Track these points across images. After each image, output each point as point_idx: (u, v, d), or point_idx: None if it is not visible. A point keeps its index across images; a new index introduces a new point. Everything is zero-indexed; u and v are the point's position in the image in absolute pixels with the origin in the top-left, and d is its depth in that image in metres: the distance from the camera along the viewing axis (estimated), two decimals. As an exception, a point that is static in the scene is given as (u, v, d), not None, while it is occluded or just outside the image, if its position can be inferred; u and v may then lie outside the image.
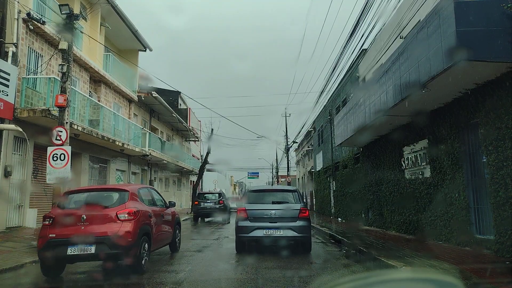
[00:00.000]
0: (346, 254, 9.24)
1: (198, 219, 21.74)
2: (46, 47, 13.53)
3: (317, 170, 28.67)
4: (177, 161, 28.26)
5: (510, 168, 6.74)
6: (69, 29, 10.78)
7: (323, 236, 13.34)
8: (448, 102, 8.78)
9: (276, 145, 48.37)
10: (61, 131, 10.32)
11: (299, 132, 29.89)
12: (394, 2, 10.62)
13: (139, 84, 22.29)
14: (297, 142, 36.25)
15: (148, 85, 23.39)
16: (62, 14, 10.64)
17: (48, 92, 12.50)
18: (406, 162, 11.50)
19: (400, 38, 11.02)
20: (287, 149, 37.97)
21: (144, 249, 7.07)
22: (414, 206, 10.86)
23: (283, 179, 50.96)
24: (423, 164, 10.42)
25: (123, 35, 20.34)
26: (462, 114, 8.37)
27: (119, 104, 20.07)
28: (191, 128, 33.02)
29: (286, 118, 38.30)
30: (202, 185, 36.00)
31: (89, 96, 16.24)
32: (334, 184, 22.36)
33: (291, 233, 8.85)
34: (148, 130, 23.24)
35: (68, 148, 10.30)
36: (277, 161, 47.76)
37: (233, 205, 24.63)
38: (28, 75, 12.65)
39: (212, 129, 29.36)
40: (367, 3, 10.29)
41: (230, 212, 22.78)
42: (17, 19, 11.65)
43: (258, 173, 60.59)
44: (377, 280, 1.28)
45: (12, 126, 10.99)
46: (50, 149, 10.25)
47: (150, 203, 8.22)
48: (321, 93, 18.00)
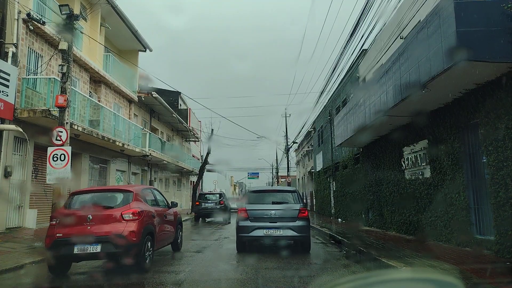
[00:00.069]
0: (346, 254, 9.23)
1: (199, 219, 21.87)
2: (46, 48, 13.54)
3: (317, 170, 28.67)
4: (177, 162, 28.25)
5: (510, 168, 6.73)
6: (69, 29, 10.78)
7: (323, 236, 13.32)
8: (448, 102, 8.78)
9: (276, 145, 48.33)
10: (61, 132, 10.32)
11: (299, 133, 29.91)
12: (394, 2, 10.62)
13: (139, 85, 22.29)
14: (297, 143, 36.26)
15: (148, 86, 23.43)
16: (62, 14, 10.64)
17: (48, 92, 12.51)
18: (406, 162, 11.49)
19: (400, 38, 11.02)
20: (287, 150, 37.97)
21: (148, 248, 7.24)
22: (414, 207, 10.85)
23: (283, 180, 50.94)
24: (423, 164, 10.41)
25: (123, 35, 20.35)
26: (462, 115, 8.36)
27: (119, 104, 20.07)
28: (191, 128, 33.01)
29: (286, 118, 38.34)
30: (202, 186, 35.97)
31: (89, 96, 16.24)
32: (334, 184, 22.36)
33: (290, 233, 8.98)
34: (148, 131, 23.23)
35: (68, 149, 10.30)
36: (277, 162, 47.74)
37: (234, 205, 24.70)
38: (28, 75, 12.65)
39: (212, 130, 29.37)
40: (367, 3, 10.29)
41: (231, 212, 22.85)
42: (17, 19, 11.65)
43: (258, 173, 60.53)
44: (377, 280, 1.28)
45: (12, 127, 10.99)
46: (50, 149, 10.26)
47: (153, 204, 8.39)
48: (321, 93, 18.02)
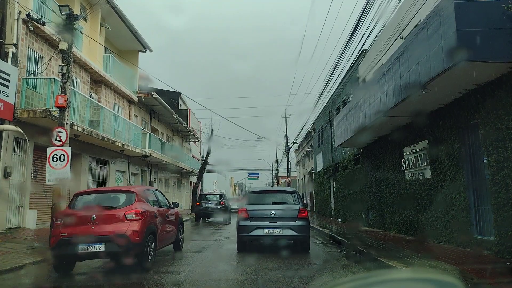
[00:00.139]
0: (346, 255, 9.23)
1: (200, 219, 22.05)
2: (46, 48, 13.53)
3: (317, 171, 28.66)
4: (177, 162, 28.23)
5: (510, 169, 6.72)
6: (69, 29, 10.77)
7: (323, 237, 13.31)
8: (448, 102, 8.77)
9: (276, 146, 48.28)
10: (61, 132, 10.31)
11: (299, 133, 29.88)
12: (394, 3, 10.62)
13: (139, 85, 22.29)
14: (297, 143, 36.24)
15: (148, 86, 23.43)
16: (62, 14, 10.62)
17: (48, 92, 12.50)
18: (407, 163, 11.48)
19: (400, 38, 11.02)
20: (287, 150, 37.96)
21: (151, 248, 7.39)
22: (415, 207, 10.84)
23: (283, 180, 50.93)
24: (423, 165, 10.40)
25: (123, 35, 20.34)
26: (462, 115, 8.36)
27: (119, 105, 20.07)
28: (191, 129, 33.00)
29: (286, 119, 38.34)
30: (202, 186, 35.95)
31: (89, 97, 16.24)
32: (334, 185, 22.35)
33: (290, 233, 9.10)
34: (148, 131, 23.23)
35: (68, 149, 10.29)
36: (277, 162, 47.73)
37: (234, 206, 24.81)
38: (28, 75, 12.64)
39: (212, 130, 29.36)
40: (367, 3, 10.29)
41: (231, 212, 22.93)
42: (17, 19, 11.65)
43: (258, 174, 60.51)
44: (377, 280, 1.27)
45: (12, 127, 10.98)
46: (50, 149, 10.24)
47: (155, 204, 8.53)
48: (321, 93, 18.01)
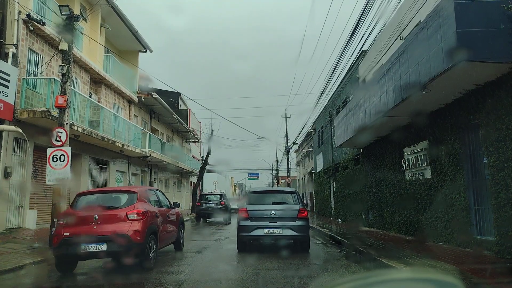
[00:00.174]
0: (347, 255, 9.22)
1: (200, 219, 22.19)
2: (46, 48, 13.53)
3: (317, 171, 28.66)
4: (177, 162, 28.23)
5: (510, 169, 6.72)
6: (69, 30, 10.77)
7: (323, 237, 13.31)
8: (449, 103, 8.77)
9: (276, 146, 48.25)
10: (61, 132, 10.30)
11: (299, 133, 29.88)
12: (394, 3, 10.61)
13: (139, 85, 22.30)
14: (297, 143, 36.23)
15: (148, 86, 23.43)
16: (62, 15, 10.62)
17: (48, 93, 12.50)
18: (407, 163, 11.48)
19: (400, 39, 11.01)
20: (287, 150, 37.95)
21: (152, 247, 7.47)
22: (415, 207, 10.84)
23: (283, 180, 50.92)
24: (423, 165, 10.40)
25: (123, 36, 20.35)
26: (462, 115, 8.35)
27: (119, 105, 20.07)
28: (191, 129, 33.00)
29: (286, 119, 38.35)
30: (202, 186, 35.95)
31: (89, 97, 16.24)
32: (334, 185, 22.35)
33: (290, 232, 9.16)
34: (148, 131, 23.23)
35: (68, 149, 10.29)
36: (277, 162, 47.73)
37: (234, 206, 24.89)
38: (28, 76, 12.64)
39: (212, 130, 29.32)
40: (367, 4, 10.29)
41: (231, 212, 23.01)
42: (17, 20, 11.65)
43: (258, 174, 60.47)
44: (377, 280, 1.27)
45: (12, 127, 10.98)
46: (50, 150, 10.24)
47: (157, 204, 8.63)
48: (321, 94, 18.00)
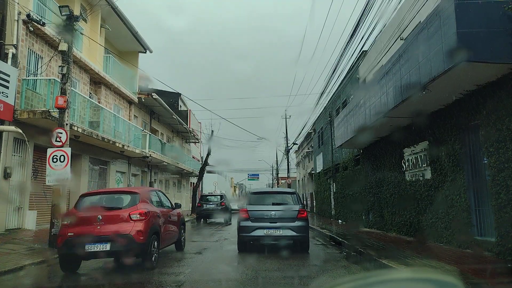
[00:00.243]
0: (347, 256, 9.21)
1: (201, 220, 22.40)
2: (46, 49, 13.52)
3: (317, 171, 28.64)
4: (177, 163, 28.22)
5: (511, 169, 6.71)
6: (69, 30, 10.76)
7: (324, 238, 13.29)
8: (449, 103, 8.76)
9: (276, 146, 48.26)
10: (61, 133, 10.30)
11: (299, 134, 29.87)
12: (394, 3, 10.61)
13: (139, 86, 22.29)
14: (297, 144, 36.23)
15: (148, 87, 23.44)
16: (62, 15, 10.62)
17: (48, 93, 12.48)
18: (407, 163, 11.47)
19: (401, 39, 11.01)
20: (287, 151, 37.92)
21: (154, 247, 7.59)
22: (415, 208, 10.82)
23: (283, 181, 50.89)
24: (423, 165, 10.39)
25: (123, 36, 20.34)
26: (462, 116, 8.34)
27: (119, 105, 20.06)
28: (191, 129, 32.98)
29: (286, 119, 38.31)
30: (202, 187, 35.93)
31: (89, 97, 16.22)
32: (334, 186, 22.33)
33: (290, 233, 9.26)
34: (148, 132, 23.22)
35: (68, 150, 10.28)
36: (277, 163, 47.71)
37: (235, 206, 25.03)
38: (28, 76, 12.63)
39: (212, 131, 29.30)
40: (367, 4, 10.28)
41: (231, 213, 23.10)
42: (17, 20, 11.65)
43: (258, 175, 60.47)
44: (377, 280, 1.27)
45: (12, 128, 10.97)
46: (50, 150, 10.23)
47: (158, 205, 8.75)
48: (321, 94, 18.00)
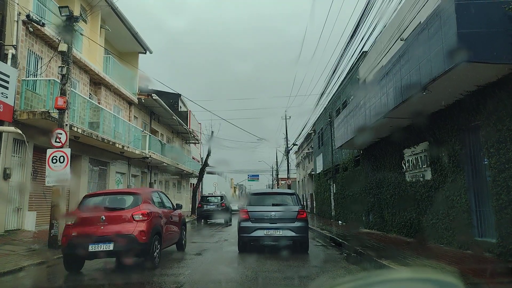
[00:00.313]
0: (347, 257, 9.19)
1: (202, 220, 22.64)
2: (46, 49, 13.51)
3: (317, 172, 28.62)
4: (177, 164, 28.21)
5: (512, 170, 6.68)
6: (68, 31, 10.76)
7: (324, 239, 13.26)
8: (449, 104, 8.74)
9: (276, 147, 48.19)
10: (61, 133, 10.29)
11: (299, 135, 29.87)
12: (394, 4, 10.60)
13: (139, 87, 22.29)
14: (297, 145, 36.21)
15: (148, 88, 23.45)
16: (62, 16, 10.61)
17: (48, 94, 12.46)
18: (407, 164, 11.45)
19: (401, 40, 10.99)
20: (287, 152, 37.88)
21: (156, 247, 7.71)
22: (415, 209, 10.80)
23: (283, 182, 50.85)
24: (424, 166, 10.37)
25: (123, 37, 20.34)
26: (463, 116, 8.32)
27: (119, 106, 20.04)
28: (191, 130, 32.96)
29: (286, 120, 38.26)
30: (202, 188, 35.90)
31: (89, 98, 16.20)
32: (334, 186, 22.31)
33: (290, 233, 9.36)
34: (148, 133, 23.20)
35: (68, 151, 10.27)
36: (277, 164, 47.67)
37: (235, 207, 25.22)
38: (28, 77, 12.61)
39: (212, 132, 29.33)
40: (367, 5, 10.28)
41: (232, 214, 23.21)
42: (17, 21, 11.63)
43: (258, 175, 60.48)
44: (377, 280, 1.27)
45: (12, 128, 10.95)
46: (49, 151, 10.22)
47: (160, 206, 8.85)
48: (321, 95, 17.99)
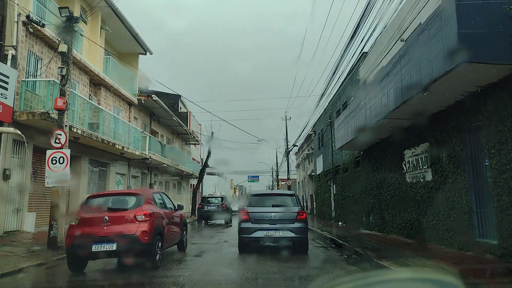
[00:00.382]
0: (347, 259, 9.16)
1: (202, 221, 22.96)
2: (46, 50, 13.49)
3: (317, 173, 28.59)
4: (177, 165, 28.19)
5: (513, 171, 6.66)
6: (68, 31, 10.75)
7: (324, 240, 13.23)
8: (450, 105, 8.71)
9: (276, 148, 48.16)
10: (60, 134, 10.27)
11: (299, 136, 29.85)
12: (395, 4, 10.60)
13: (139, 87, 22.28)
14: (297, 146, 36.17)
15: (148, 88, 23.46)
16: (62, 16, 10.60)
17: (47, 95, 12.44)
18: (407, 165, 11.42)
19: (401, 41, 10.98)
20: (287, 153, 37.85)
21: (158, 247, 7.80)
22: (416, 210, 10.77)
23: (283, 183, 50.83)
24: (424, 167, 10.34)
25: (123, 38, 20.33)
26: (463, 117, 8.30)
27: (119, 107, 20.02)
28: (191, 131, 32.94)
29: (286, 121, 38.24)
30: (202, 189, 35.86)
31: (89, 99, 16.19)
32: (334, 187, 22.28)
33: (289, 234, 9.44)
34: (148, 134, 23.20)
35: (67, 151, 10.25)
36: (277, 165, 47.63)
37: (235, 208, 25.37)
38: (28, 78, 12.60)
39: (212, 133, 29.32)
40: (367, 5, 10.26)
41: (232, 214, 23.40)
42: (17, 21, 11.62)
43: (258, 176, 60.50)
44: (377, 280, 1.27)
45: (11, 129, 10.93)
46: (49, 152, 10.20)
47: (162, 206, 8.92)
48: (322, 96, 17.98)
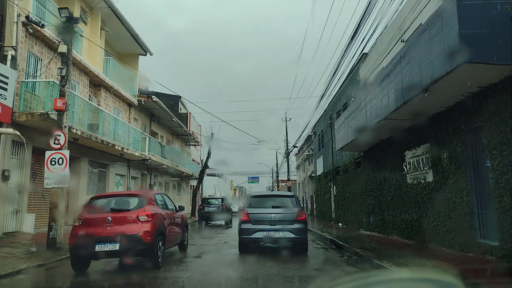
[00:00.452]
0: (348, 260, 9.12)
1: (203, 222, 23.21)
2: (46, 51, 13.47)
3: (317, 174, 28.56)
4: (177, 166, 28.16)
5: (514, 172, 6.62)
6: (68, 32, 10.72)
7: (324, 241, 13.20)
8: (451, 105, 8.68)
9: (276, 149, 48.14)
10: (60, 135, 10.24)
11: (300, 137, 29.84)
12: (395, 5, 10.58)
13: (139, 88, 22.26)
14: (297, 147, 36.15)
15: (148, 89, 23.46)
16: (62, 17, 10.58)
17: (47, 95, 12.41)
18: (408, 166, 11.39)
19: (402, 41, 10.96)
20: (288, 154, 37.82)
21: (160, 247, 7.91)
22: (416, 211, 10.74)
23: (283, 184, 50.81)
24: (425, 168, 10.31)
25: (123, 39, 20.32)
26: (465, 118, 8.27)
27: (119, 108, 20.00)
28: (191, 132, 32.93)
29: (286, 122, 38.21)
30: (202, 190, 35.85)
31: (89, 100, 16.17)
32: (334, 188, 22.25)
33: (289, 235, 9.57)
34: (148, 135, 23.16)
35: (67, 152, 10.22)
36: (277, 166, 47.61)
37: (235, 209, 25.51)
38: (27, 78, 12.57)
39: (212, 133, 29.34)
40: (368, 6, 10.24)
41: (232, 215, 23.77)
42: (17, 22, 11.60)
43: (258, 177, 60.62)
44: (377, 280, 1.27)
45: (10, 130, 10.90)
46: (48, 153, 10.18)
47: (164, 207, 9.04)
48: (322, 97, 17.96)
